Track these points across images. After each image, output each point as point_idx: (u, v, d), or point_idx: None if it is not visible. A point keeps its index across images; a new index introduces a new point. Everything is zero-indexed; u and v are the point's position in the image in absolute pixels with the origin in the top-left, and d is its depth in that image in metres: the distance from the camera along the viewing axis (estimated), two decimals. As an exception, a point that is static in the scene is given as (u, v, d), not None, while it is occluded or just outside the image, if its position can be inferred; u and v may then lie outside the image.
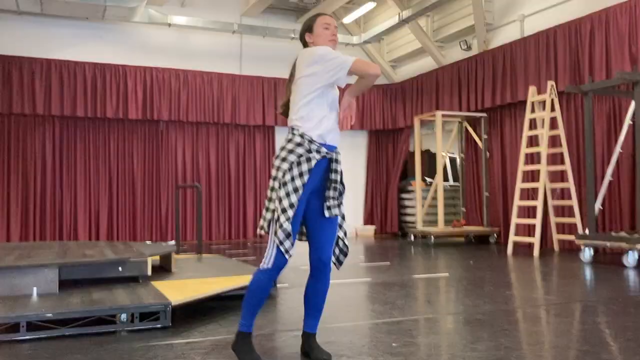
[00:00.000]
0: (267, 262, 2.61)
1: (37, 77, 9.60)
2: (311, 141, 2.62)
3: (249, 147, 11.25)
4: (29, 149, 9.74)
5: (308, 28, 2.84)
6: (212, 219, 10.87)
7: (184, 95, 10.58)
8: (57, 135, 9.94)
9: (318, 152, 2.63)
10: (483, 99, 9.52)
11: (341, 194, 2.75)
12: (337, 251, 2.79)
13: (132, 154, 10.40)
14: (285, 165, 2.60)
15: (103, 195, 10.15)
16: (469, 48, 10.17)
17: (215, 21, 10.68)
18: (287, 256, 2.57)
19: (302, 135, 2.63)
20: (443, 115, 9.65)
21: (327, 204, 2.70)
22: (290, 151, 2.61)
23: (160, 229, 10.50)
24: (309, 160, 2.61)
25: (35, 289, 3.67)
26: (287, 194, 2.55)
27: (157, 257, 4.91)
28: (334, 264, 2.80)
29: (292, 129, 2.68)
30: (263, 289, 2.63)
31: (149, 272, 4.23)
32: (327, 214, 2.69)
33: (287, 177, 2.58)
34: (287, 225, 2.53)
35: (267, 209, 2.61)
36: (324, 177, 2.71)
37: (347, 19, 11.41)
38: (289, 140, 2.66)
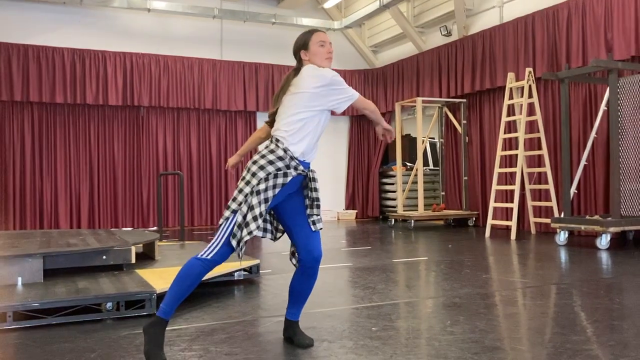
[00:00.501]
0: (209, 253, 2.60)
1: (14, 63, 9.49)
2: (292, 158, 2.68)
3: (230, 132, 11.27)
4: (7, 136, 9.66)
5: (303, 45, 2.83)
6: (193, 205, 10.90)
7: (164, 80, 10.55)
8: (36, 122, 9.86)
9: (296, 169, 2.69)
10: (463, 84, 9.63)
11: (319, 207, 2.82)
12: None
13: (113, 140, 10.36)
14: (262, 174, 2.62)
15: (84, 182, 10.12)
16: (449, 34, 10.25)
17: (195, 6, 10.62)
18: (231, 254, 2.62)
19: (285, 150, 2.67)
20: (423, 101, 9.74)
21: (312, 219, 2.77)
22: (271, 162, 2.64)
23: (142, 216, 10.51)
24: (285, 175, 2.66)
25: (20, 278, 3.70)
26: (259, 203, 2.60)
27: (141, 245, 4.96)
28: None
29: (277, 140, 2.71)
30: (196, 278, 2.60)
31: (133, 260, 4.28)
32: (313, 228, 2.76)
33: (262, 186, 2.62)
34: (246, 234, 2.58)
35: (229, 207, 2.64)
36: (298, 189, 2.78)
37: (328, 4, 11.41)
38: (271, 151, 2.68)
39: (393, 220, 10.20)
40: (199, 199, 10.95)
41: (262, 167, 2.64)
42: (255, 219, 2.59)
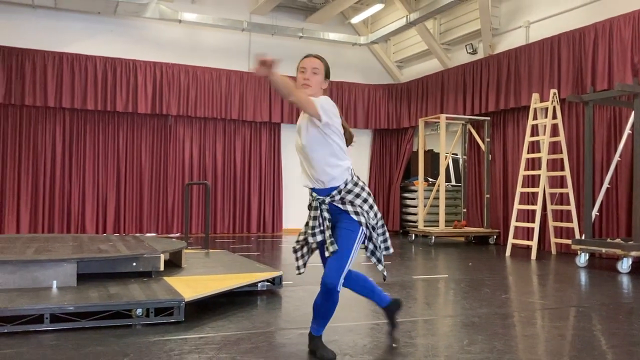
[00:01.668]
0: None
1: (49, 70, 9.79)
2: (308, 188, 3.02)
3: (255, 143, 11.44)
4: (40, 141, 9.94)
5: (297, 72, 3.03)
6: (217, 213, 11.08)
7: (192, 90, 10.77)
8: (67, 128, 10.14)
9: (312, 196, 3.00)
10: (487, 102, 9.69)
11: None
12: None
13: (141, 147, 10.60)
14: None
15: (111, 188, 10.36)
16: (474, 52, 10.32)
17: (224, 18, 10.84)
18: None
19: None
20: (447, 118, 9.82)
21: (342, 227, 2.96)
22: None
23: (167, 222, 10.71)
24: (309, 208, 3.03)
25: (55, 282, 3.87)
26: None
27: (168, 253, 5.11)
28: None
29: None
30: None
31: (162, 268, 4.43)
32: (326, 254, 2.96)
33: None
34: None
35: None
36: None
37: (355, 19, 11.56)
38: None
39: (414, 235, 10.26)
40: (222, 207, 11.12)
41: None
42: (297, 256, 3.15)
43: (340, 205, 2.92)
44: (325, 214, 2.92)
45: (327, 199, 2.92)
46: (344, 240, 2.88)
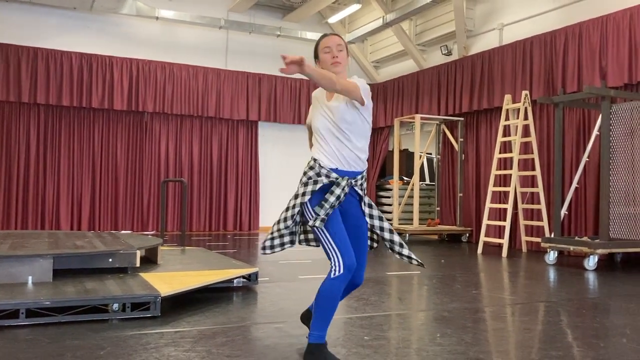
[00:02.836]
0: (336, 268, 2.68)
1: (23, 65, 9.69)
2: (321, 166, 2.84)
3: (232, 141, 11.47)
4: (14, 137, 9.84)
5: (315, 55, 2.93)
6: (193, 211, 11.08)
7: (169, 87, 10.75)
8: (42, 124, 10.05)
9: (327, 176, 2.83)
10: (461, 103, 9.86)
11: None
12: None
13: (116, 144, 10.55)
14: (299, 186, 2.89)
15: (86, 185, 10.29)
16: (449, 53, 10.49)
17: (202, 16, 10.85)
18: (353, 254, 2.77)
19: (314, 160, 2.87)
20: (422, 118, 9.97)
21: (360, 223, 2.98)
22: (304, 172, 2.92)
23: (142, 220, 10.68)
24: (315, 182, 2.84)
25: (30, 277, 3.88)
26: (289, 208, 2.89)
27: (144, 249, 5.13)
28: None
29: (312, 156, 2.96)
30: (336, 297, 2.68)
31: (138, 264, 4.46)
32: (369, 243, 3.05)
33: (298, 191, 2.87)
34: (286, 230, 2.92)
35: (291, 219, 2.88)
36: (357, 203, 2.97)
37: (333, 19, 11.65)
38: (306, 166, 2.95)
39: (388, 233, 10.37)
40: (198, 205, 11.13)
41: (300, 181, 2.88)
42: (285, 219, 2.83)
43: (360, 192, 2.92)
44: (342, 197, 2.81)
45: (353, 182, 2.87)
46: (365, 236, 2.95)
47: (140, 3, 10.18)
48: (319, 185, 2.80)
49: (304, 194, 2.79)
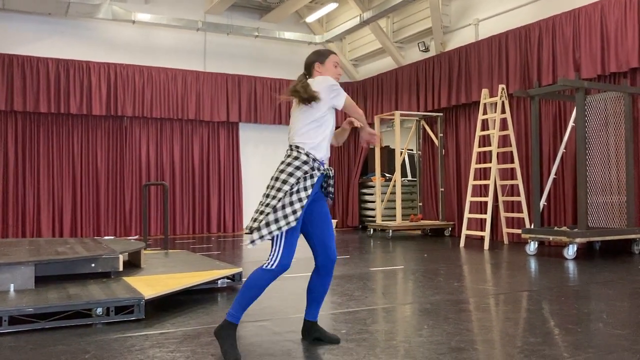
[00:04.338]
0: (272, 262, 2.87)
1: (-1, 73, 9.59)
2: (314, 159, 2.97)
3: (213, 143, 11.45)
4: (-9, 144, 9.73)
5: (320, 60, 3.17)
6: (175, 214, 11.05)
7: (148, 91, 10.71)
8: (19, 131, 9.95)
9: (319, 169, 2.99)
10: (440, 99, 9.96)
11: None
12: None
13: (96, 149, 10.49)
14: (292, 180, 2.89)
15: (67, 191, 10.21)
16: (426, 49, 10.58)
17: (179, 18, 10.81)
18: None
19: (307, 154, 2.96)
20: (402, 115, 10.04)
21: (326, 209, 3.11)
22: (298, 167, 2.93)
23: (124, 224, 10.62)
24: (312, 177, 2.95)
25: (12, 285, 3.86)
26: (292, 203, 2.85)
27: (127, 253, 5.13)
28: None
29: (297, 147, 2.99)
30: (261, 287, 2.89)
31: (121, 268, 4.46)
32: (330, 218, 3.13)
33: (295, 188, 2.89)
34: (284, 225, 2.81)
35: (263, 212, 2.86)
36: (318, 192, 3.09)
37: (310, 18, 11.68)
38: (295, 158, 2.96)
39: (372, 230, 10.46)
40: (181, 208, 11.10)
41: (291, 174, 2.90)
42: (294, 212, 2.83)
43: (331, 181, 3.11)
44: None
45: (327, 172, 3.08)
46: (329, 216, 3.16)
47: (116, 7, 10.13)
48: (315, 179, 2.97)
49: (305, 189, 2.91)
